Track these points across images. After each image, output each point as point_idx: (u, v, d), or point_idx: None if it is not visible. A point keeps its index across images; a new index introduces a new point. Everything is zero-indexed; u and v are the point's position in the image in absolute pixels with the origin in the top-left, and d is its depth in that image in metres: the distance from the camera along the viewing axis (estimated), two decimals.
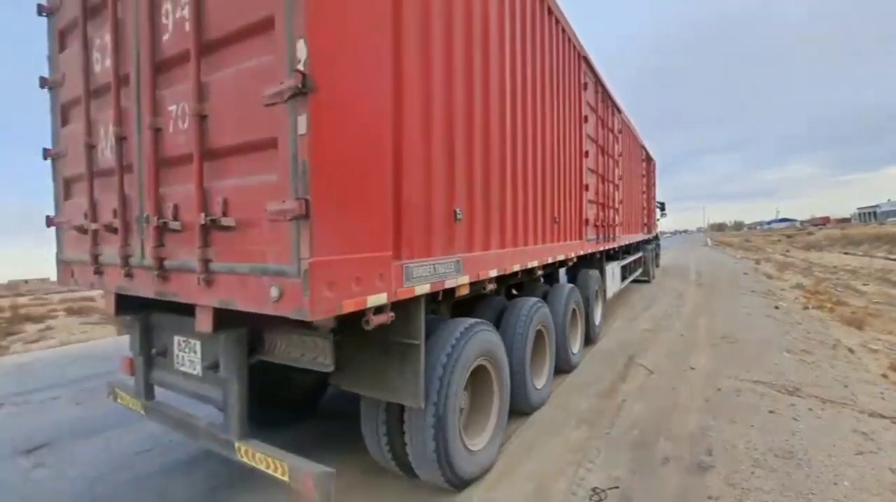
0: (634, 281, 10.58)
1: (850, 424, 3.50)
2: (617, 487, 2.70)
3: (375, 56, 1.90)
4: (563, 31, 4.56)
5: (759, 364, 4.97)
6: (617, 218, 7.51)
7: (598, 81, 6.19)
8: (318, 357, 2.12)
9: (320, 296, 1.62)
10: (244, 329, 2.17)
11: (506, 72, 3.23)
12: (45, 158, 2.83)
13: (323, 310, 1.64)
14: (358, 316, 1.89)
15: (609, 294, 7.12)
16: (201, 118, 1.89)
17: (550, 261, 4.26)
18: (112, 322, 11.57)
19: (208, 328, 2.00)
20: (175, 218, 2.03)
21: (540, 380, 3.93)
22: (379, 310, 1.96)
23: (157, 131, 2.11)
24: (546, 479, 2.81)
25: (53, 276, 2.99)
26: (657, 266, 14.23)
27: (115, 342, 7.43)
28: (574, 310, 5.03)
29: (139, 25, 2.16)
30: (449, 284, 2.53)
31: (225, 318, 2.02)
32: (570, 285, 5.12)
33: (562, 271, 5.78)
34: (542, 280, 4.94)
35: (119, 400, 2.87)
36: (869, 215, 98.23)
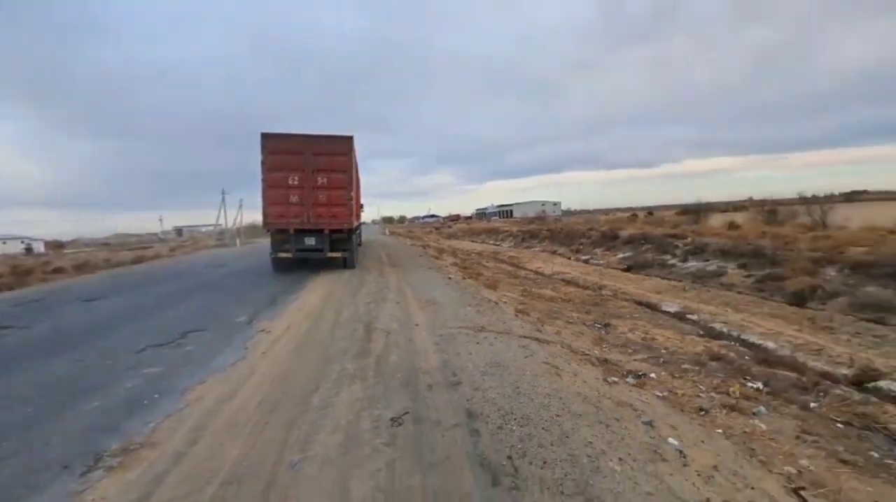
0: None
1: (516, 343, 5.20)
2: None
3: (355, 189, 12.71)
4: (356, 159, 15.54)
5: (456, 316, 6.46)
6: (357, 212, 19.03)
7: (356, 167, 17.40)
8: (344, 239, 12.59)
9: (352, 225, 12.44)
10: (328, 234, 12.32)
11: (355, 178, 14.27)
12: (262, 199, 11.67)
13: (351, 227, 12.49)
14: (352, 230, 12.68)
15: (359, 242, 18.65)
16: (330, 194, 12.10)
17: (355, 225, 15.23)
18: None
19: (327, 232, 12.18)
20: (320, 215, 12.08)
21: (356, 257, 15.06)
22: (354, 228, 12.77)
23: (315, 195, 11.99)
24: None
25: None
26: (361, 240, 27.11)
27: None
28: (358, 240, 16.29)
29: (311, 179, 11.95)
30: (355, 224, 13.40)
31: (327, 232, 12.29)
32: (357, 232, 16.19)
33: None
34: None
35: (278, 256, 12.18)
36: (482, 214, 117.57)
